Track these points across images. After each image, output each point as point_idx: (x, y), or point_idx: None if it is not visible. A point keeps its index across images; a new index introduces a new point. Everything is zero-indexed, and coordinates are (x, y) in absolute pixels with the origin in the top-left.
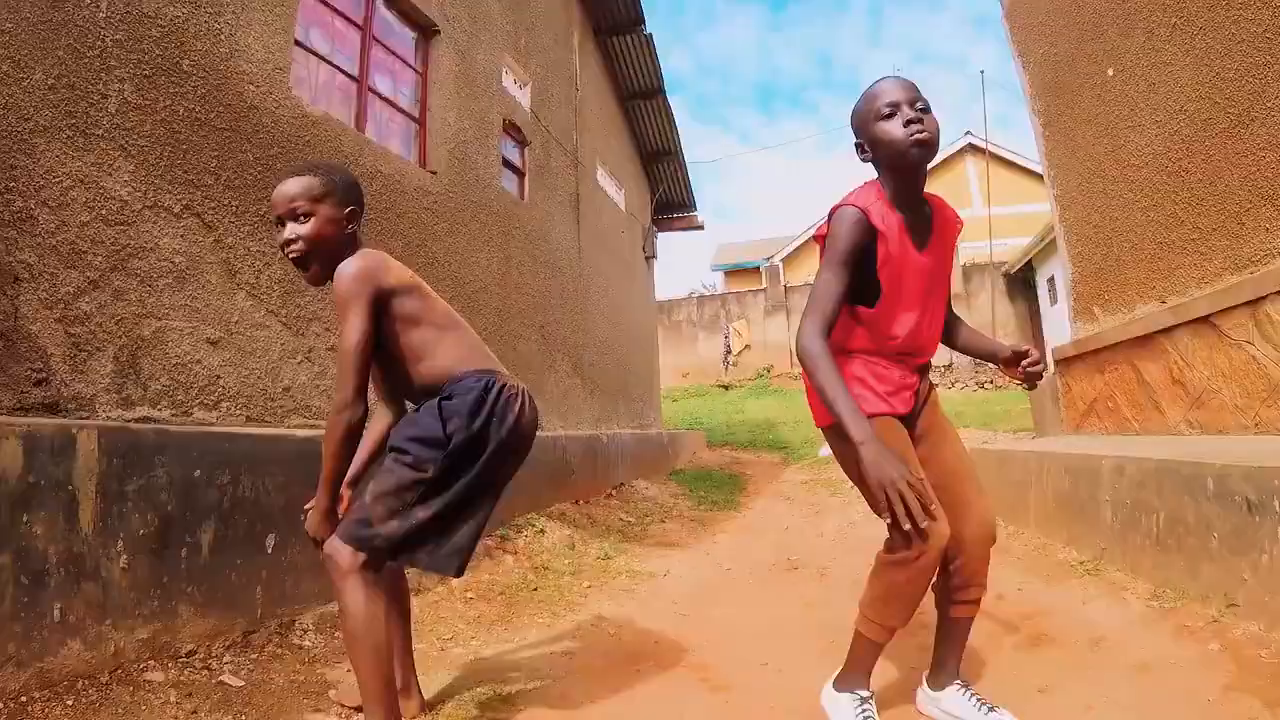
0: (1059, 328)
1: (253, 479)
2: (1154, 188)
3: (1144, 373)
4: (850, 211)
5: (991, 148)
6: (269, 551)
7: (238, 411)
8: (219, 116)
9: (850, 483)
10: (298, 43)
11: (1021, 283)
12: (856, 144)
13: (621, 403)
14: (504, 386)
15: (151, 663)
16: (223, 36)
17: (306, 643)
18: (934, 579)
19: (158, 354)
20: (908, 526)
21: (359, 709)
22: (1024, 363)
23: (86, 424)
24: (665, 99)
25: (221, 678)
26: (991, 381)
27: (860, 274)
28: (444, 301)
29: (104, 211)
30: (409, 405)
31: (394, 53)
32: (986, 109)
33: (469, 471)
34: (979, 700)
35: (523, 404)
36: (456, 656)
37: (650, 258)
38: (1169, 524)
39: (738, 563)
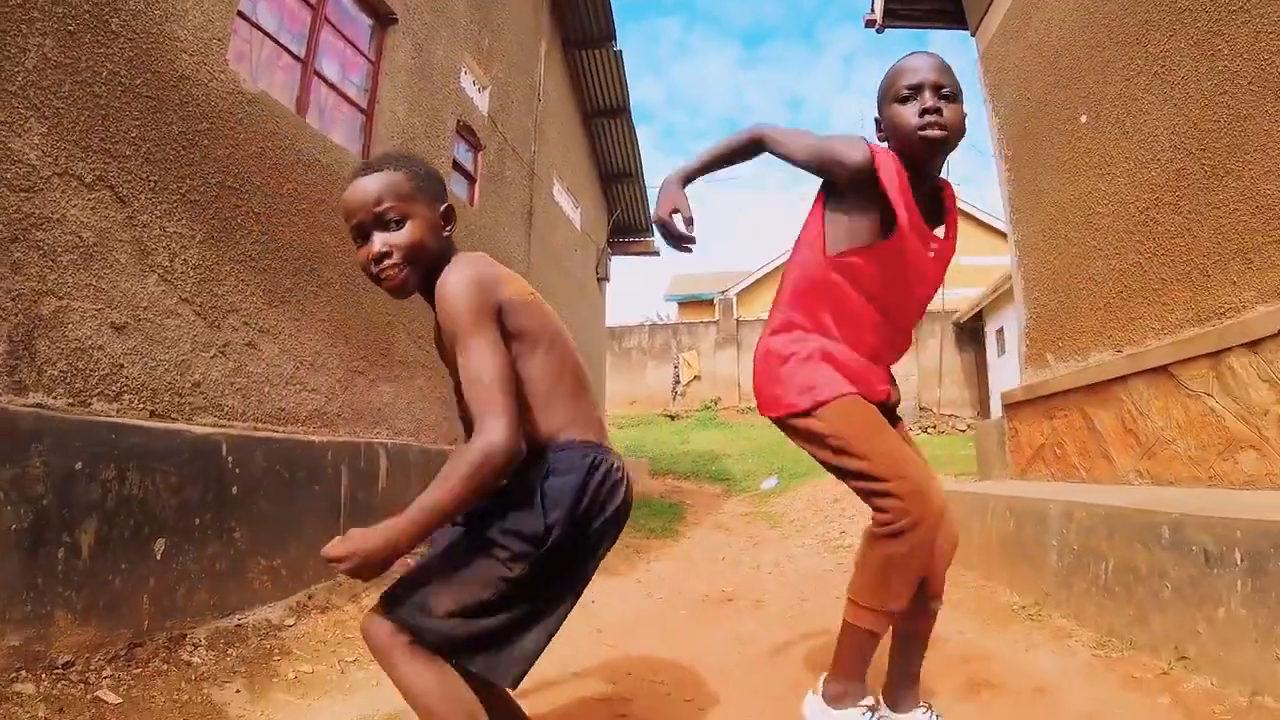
0: (1005, 379)
1: (142, 476)
2: (1118, 236)
3: (1095, 420)
4: (860, 143)
5: None
6: (158, 558)
7: (141, 405)
8: (145, 84)
9: (790, 518)
10: (240, 14)
11: (971, 333)
12: (875, 119)
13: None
14: (611, 468)
15: (23, 672)
16: None
17: (195, 659)
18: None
19: (56, 335)
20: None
21: None
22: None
23: None
24: (630, 119)
25: (98, 693)
26: (935, 426)
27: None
28: (565, 330)
29: (8, 175)
30: None
31: (346, 38)
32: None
33: (559, 572)
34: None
35: (626, 489)
36: (358, 681)
37: (603, 279)
38: (1118, 571)
39: (671, 592)
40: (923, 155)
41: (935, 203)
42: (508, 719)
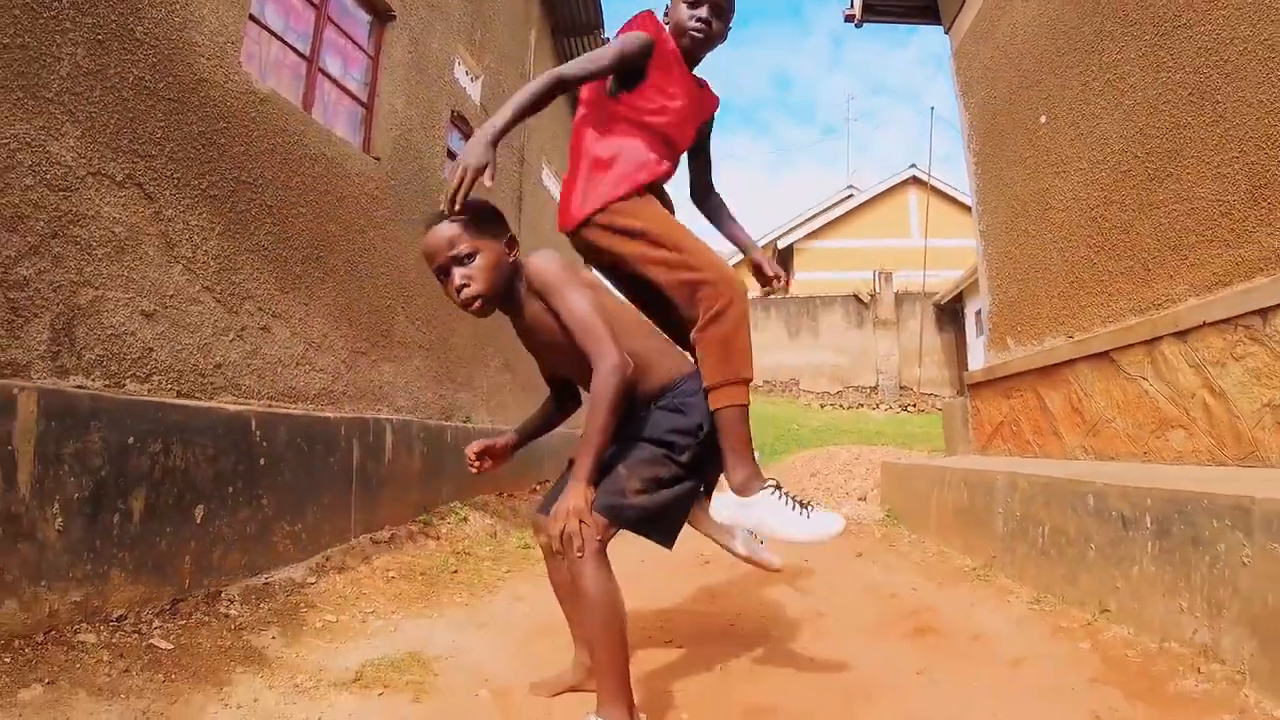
0: (983, 359)
1: (184, 450)
2: (1071, 230)
3: (1047, 400)
4: (645, 24)
5: (934, 181)
6: (198, 522)
7: (169, 385)
8: (168, 87)
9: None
10: (252, 17)
11: (951, 313)
12: (666, 6)
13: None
14: None
15: (84, 625)
16: (177, 5)
17: (232, 612)
18: None
19: (93, 323)
20: (450, 203)
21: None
22: (765, 272)
23: (27, 385)
24: None
25: (151, 641)
26: (915, 405)
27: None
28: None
29: (48, 176)
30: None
31: (347, 34)
32: (933, 144)
33: (700, 462)
34: (794, 500)
35: None
36: (377, 628)
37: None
38: (1052, 535)
39: (652, 556)
40: (688, 46)
41: (698, 84)
42: None
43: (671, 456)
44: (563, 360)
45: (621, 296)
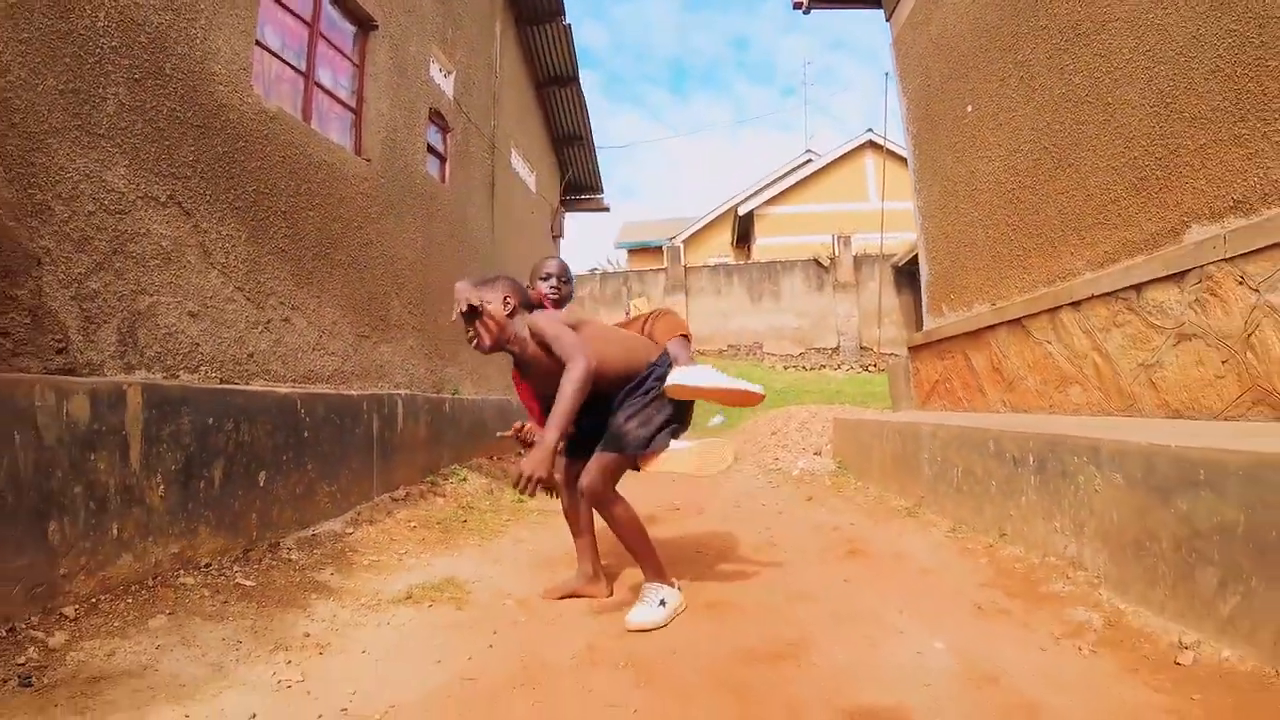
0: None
1: (249, 427)
2: (993, 210)
3: (973, 361)
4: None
5: (890, 145)
6: (261, 485)
7: (214, 374)
8: (195, 114)
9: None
10: (258, 43)
11: (909, 275)
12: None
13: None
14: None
15: (182, 571)
16: (197, 41)
17: (293, 557)
18: None
19: (150, 325)
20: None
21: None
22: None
23: (133, 381)
24: (579, 87)
25: (237, 580)
26: (875, 365)
27: None
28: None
29: (106, 202)
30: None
31: (335, 46)
32: (888, 107)
33: (673, 406)
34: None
35: None
36: (412, 565)
37: (558, 237)
38: (965, 475)
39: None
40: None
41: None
42: None
43: (642, 398)
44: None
45: (606, 323)
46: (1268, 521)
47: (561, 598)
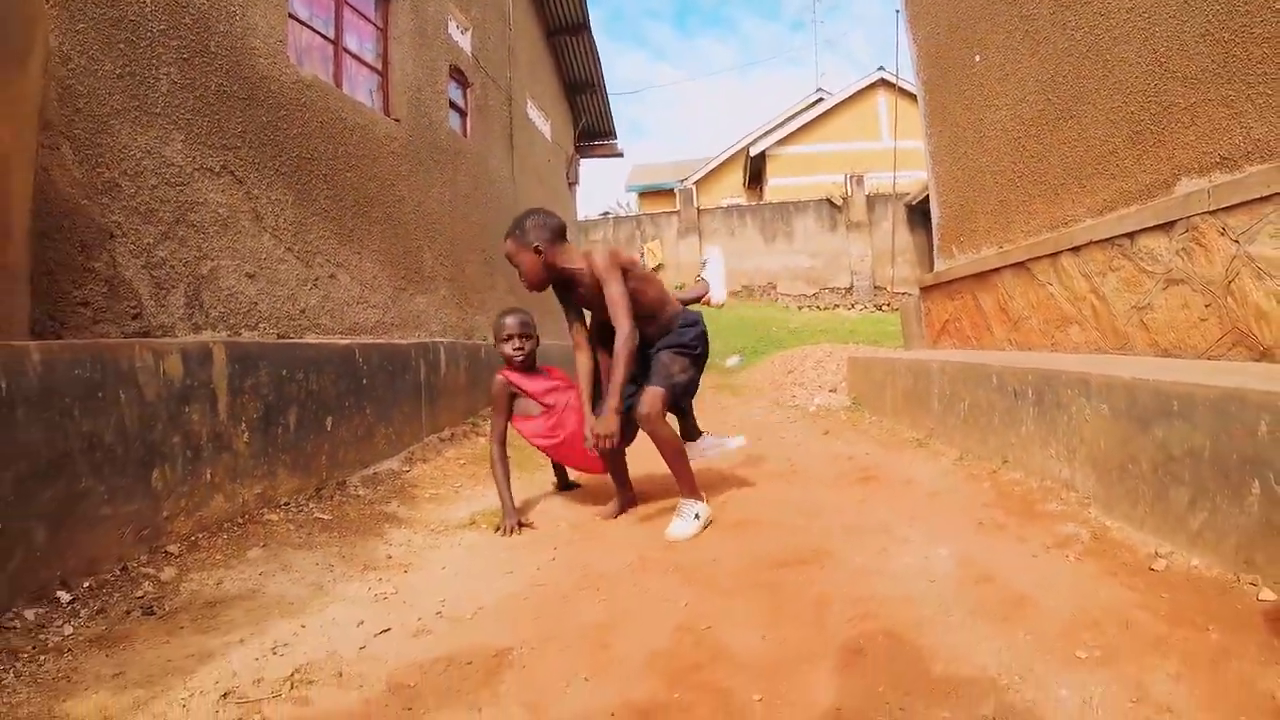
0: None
1: (317, 377)
2: (1000, 156)
3: (981, 302)
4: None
5: (902, 83)
6: (328, 429)
7: (271, 330)
8: (240, 88)
9: (751, 388)
10: (290, 15)
11: (922, 214)
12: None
13: (549, 319)
14: (701, 321)
15: (265, 510)
16: (237, 18)
17: (360, 493)
18: None
19: (213, 288)
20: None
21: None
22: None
23: (217, 339)
24: (590, 35)
25: (315, 515)
26: (888, 304)
27: None
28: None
29: (167, 175)
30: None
31: (359, 12)
32: (899, 45)
33: (703, 358)
34: (720, 436)
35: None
36: (467, 494)
37: (574, 184)
38: (971, 408)
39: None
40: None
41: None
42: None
43: (690, 352)
44: (603, 312)
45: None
46: (1230, 448)
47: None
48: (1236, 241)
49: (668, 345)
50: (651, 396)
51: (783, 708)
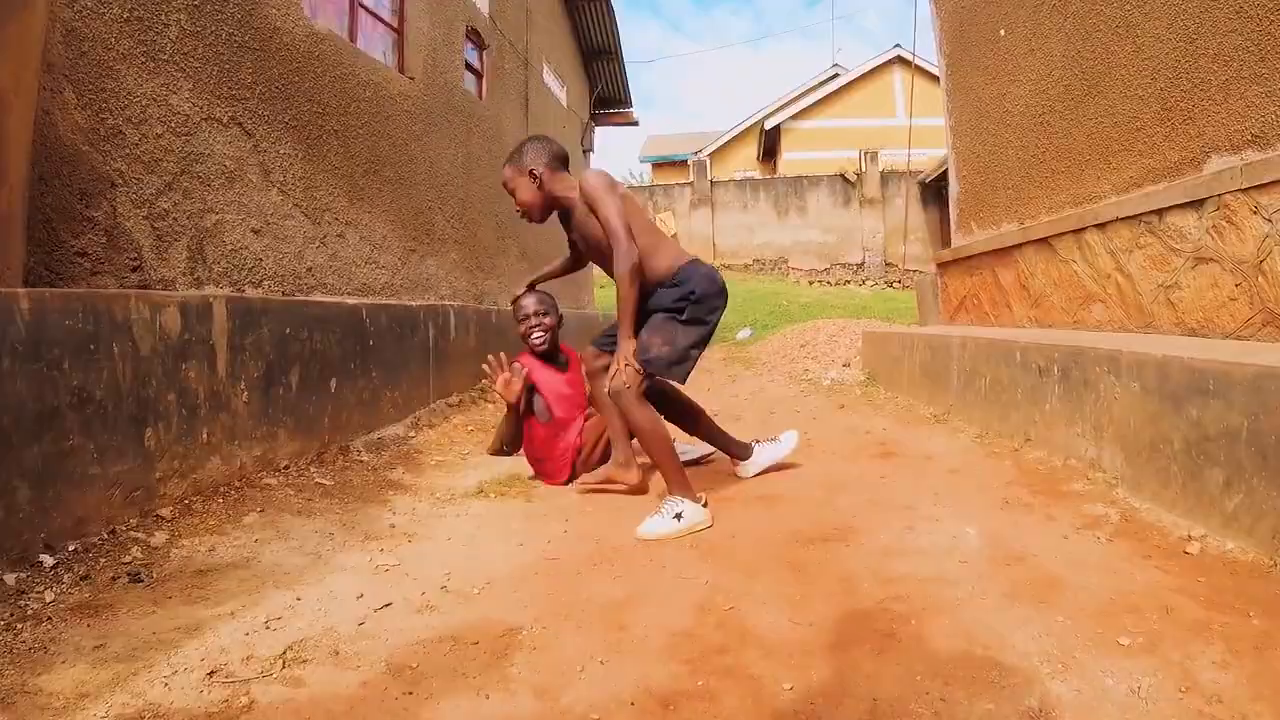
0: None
1: (322, 336)
2: (1023, 132)
3: (1001, 278)
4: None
5: (918, 61)
6: (332, 391)
7: (276, 287)
8: (252, 38)
9: (762, 361)
10: None
11: (935, 191)
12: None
13: (561, 285)
14: (714, 269)
15: (264, 473)
16: None
17: (364, 458)
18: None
19: (218, 242)
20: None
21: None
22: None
23: (218, 294)
24: (609, 1)
25: (317, 480)
26: (900, 281)
27: None
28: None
29: (172, 124)
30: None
31: None
32: (917, 21)
33: (703, 325)
34: (769, 439)
35: (723, 282)
36: (475, 461)
37: (588, 151)
38: (991, 385)
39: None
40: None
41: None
42: (680, 407)
43: (676, 318)
44: (594, 254)
45: (639, 204)
46: (1268, 428)
47: (595, 487)
48: (1270, 220)
49: (657, 306)
50: (628, 373)
51: (816, 698)
